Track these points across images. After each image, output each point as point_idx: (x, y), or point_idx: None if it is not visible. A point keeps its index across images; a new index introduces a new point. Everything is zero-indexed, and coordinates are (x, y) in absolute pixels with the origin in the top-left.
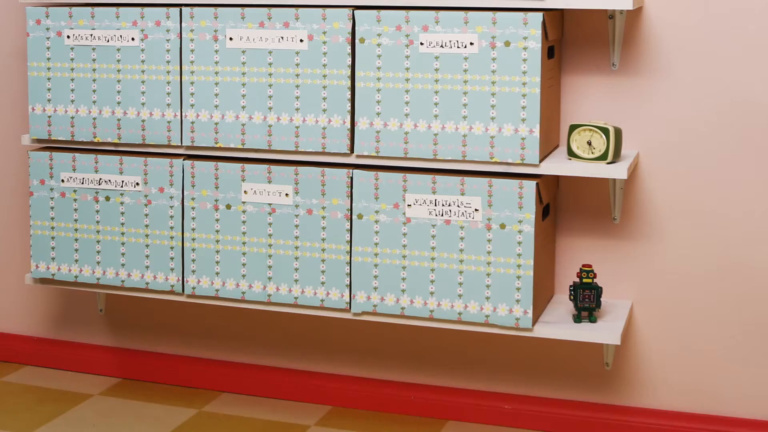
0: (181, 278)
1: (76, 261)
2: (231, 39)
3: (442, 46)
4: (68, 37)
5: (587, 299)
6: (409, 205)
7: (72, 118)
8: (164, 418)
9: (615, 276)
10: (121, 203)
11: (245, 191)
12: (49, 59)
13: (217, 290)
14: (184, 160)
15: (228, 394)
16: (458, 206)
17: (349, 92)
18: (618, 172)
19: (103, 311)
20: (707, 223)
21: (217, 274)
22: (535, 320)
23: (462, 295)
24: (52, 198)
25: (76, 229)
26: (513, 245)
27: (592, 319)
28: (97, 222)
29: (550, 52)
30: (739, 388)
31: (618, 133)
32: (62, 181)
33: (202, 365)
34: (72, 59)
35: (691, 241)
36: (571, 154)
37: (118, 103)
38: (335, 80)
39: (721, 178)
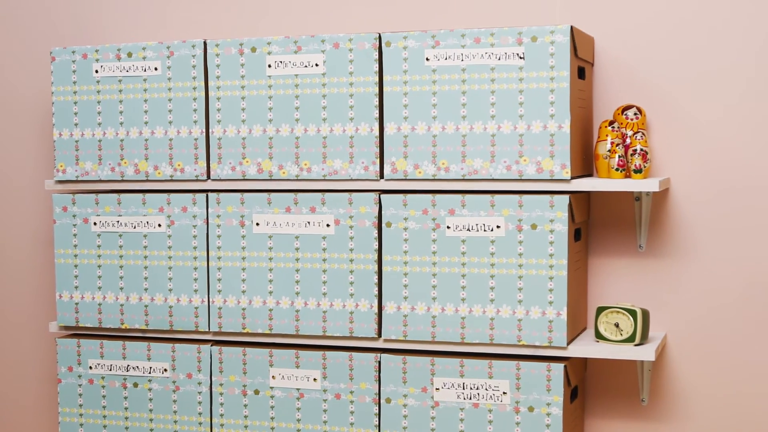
0: None
1: None
2: (257, 224)
3: (468, 230)
4: (95, 224)
5: None
6: (437, 389)
7: (99, 304)
8: None
9: None
10: (150, 389)
11: (273, 376)
12: (75, 246)
13: None
14: (211, 345)
15: None
16: (486, 389)
17: (376, 276)
18: (646, 354)
19: None
20: (736, 406)
21: None
22: None
23: None
24: (80, 385)
25: (104, 416)
26: (541, 428)
27: None
28: (126, 408)
29: (576, 235)
30: None
31: (645, 315)
32: (90, 368)
33: None
34: (98, 246)
35: (720, 424)
36: (599, 336)
37: (146, 289)
38: (362, 264)
39: (748, 360)
